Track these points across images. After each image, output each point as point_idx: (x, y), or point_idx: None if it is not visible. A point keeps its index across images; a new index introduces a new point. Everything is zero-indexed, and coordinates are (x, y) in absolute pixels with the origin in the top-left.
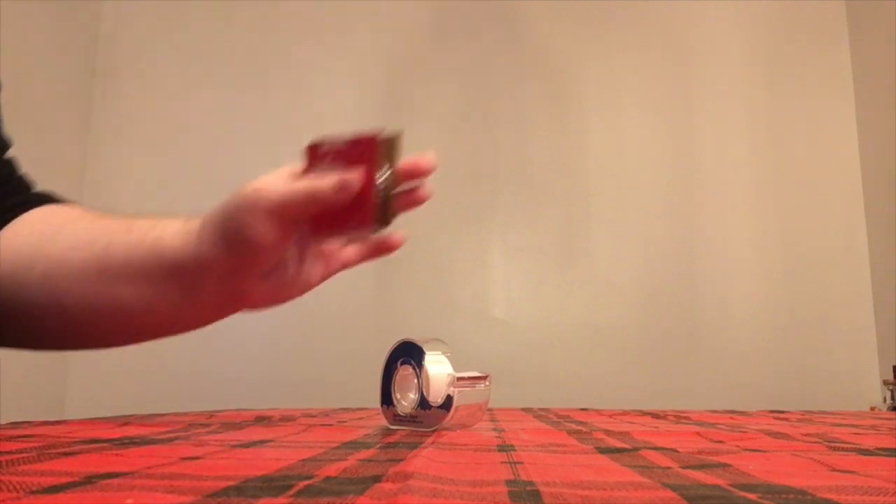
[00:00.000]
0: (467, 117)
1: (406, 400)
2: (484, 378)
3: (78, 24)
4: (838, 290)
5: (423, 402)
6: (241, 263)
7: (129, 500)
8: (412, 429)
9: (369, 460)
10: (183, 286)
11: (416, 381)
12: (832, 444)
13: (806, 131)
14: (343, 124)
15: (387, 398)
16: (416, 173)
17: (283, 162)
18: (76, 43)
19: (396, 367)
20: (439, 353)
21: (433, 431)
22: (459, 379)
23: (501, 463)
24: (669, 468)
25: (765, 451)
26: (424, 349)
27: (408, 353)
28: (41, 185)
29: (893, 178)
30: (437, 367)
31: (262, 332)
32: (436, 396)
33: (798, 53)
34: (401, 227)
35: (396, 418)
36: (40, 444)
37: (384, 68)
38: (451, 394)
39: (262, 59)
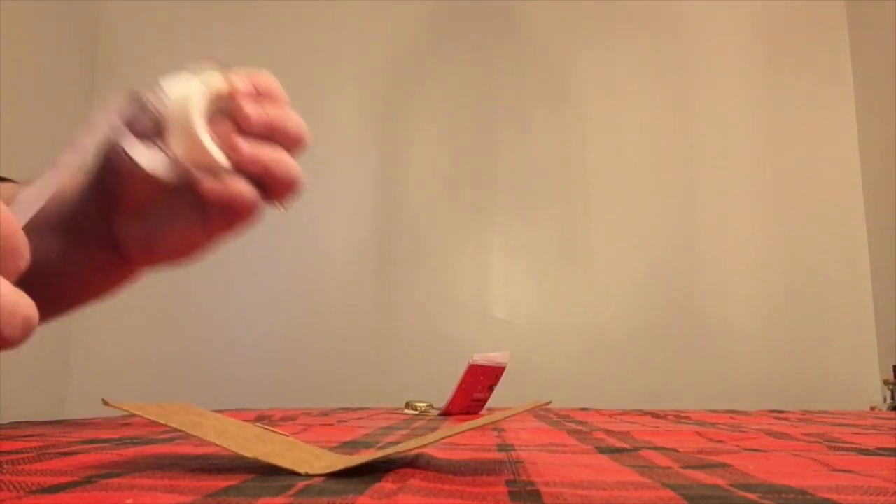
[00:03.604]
0: (467, 117)
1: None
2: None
3: (78, 24)
4: (838, 290)
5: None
6: (111, 195)
7: (129, 500)
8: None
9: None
10: (65, 233)
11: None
12: (832, 444)
13: (806, 131)
14: (343, 124)
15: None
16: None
17: None
18: (76, 43)
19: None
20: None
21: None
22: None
23: (501, 463)
24: (669, 468)
25: (765, 451)
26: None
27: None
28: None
29: (893, 178)
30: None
31: (263, 333)
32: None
33: (798, 53)
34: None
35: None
36: (40, 444)
37: (384, 68)
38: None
39: (261, 59)
